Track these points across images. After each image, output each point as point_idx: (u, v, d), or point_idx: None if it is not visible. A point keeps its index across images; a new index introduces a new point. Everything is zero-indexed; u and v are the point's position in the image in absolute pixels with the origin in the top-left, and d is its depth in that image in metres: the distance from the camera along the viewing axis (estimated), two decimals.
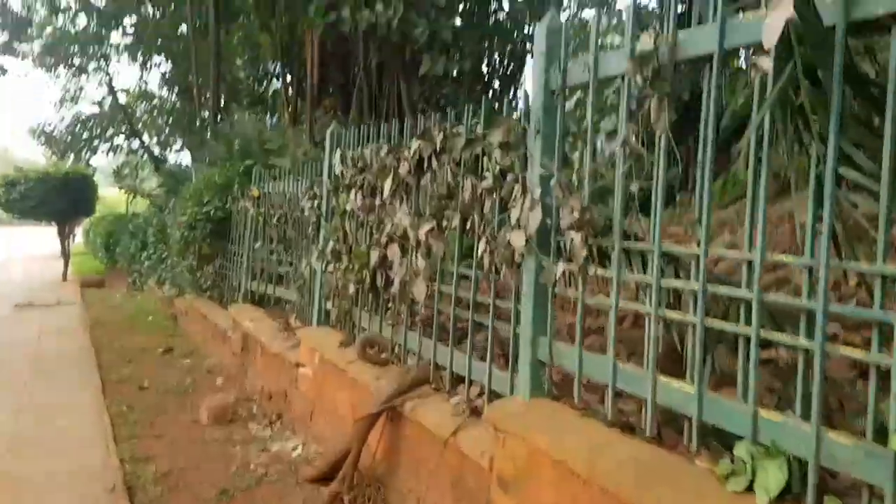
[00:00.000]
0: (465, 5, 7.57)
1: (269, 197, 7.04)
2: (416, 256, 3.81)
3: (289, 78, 15.97)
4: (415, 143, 3.79)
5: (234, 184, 8.11)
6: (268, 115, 16.72)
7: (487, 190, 3.09)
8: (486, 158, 3.16)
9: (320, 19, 7.92)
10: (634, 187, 2.32)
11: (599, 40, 2.44)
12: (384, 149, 4.25)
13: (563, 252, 2.64)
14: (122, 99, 27.21)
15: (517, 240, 2.77)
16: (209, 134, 12.67)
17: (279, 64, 15.89)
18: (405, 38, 7.77)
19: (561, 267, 2.59)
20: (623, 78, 2.34)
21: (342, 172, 4.91)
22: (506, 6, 9.90)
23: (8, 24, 23.82)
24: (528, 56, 13.74)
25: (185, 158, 24.73)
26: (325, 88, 14.57)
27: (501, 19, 9.69)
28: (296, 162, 6.89)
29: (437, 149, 3.64)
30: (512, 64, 11.45)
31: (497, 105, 13.47)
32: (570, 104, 2.71)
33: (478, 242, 3.23)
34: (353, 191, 4.66)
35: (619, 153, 2.34)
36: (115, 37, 25.96)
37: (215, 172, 8.73)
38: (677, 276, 2.29)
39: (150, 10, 23.76)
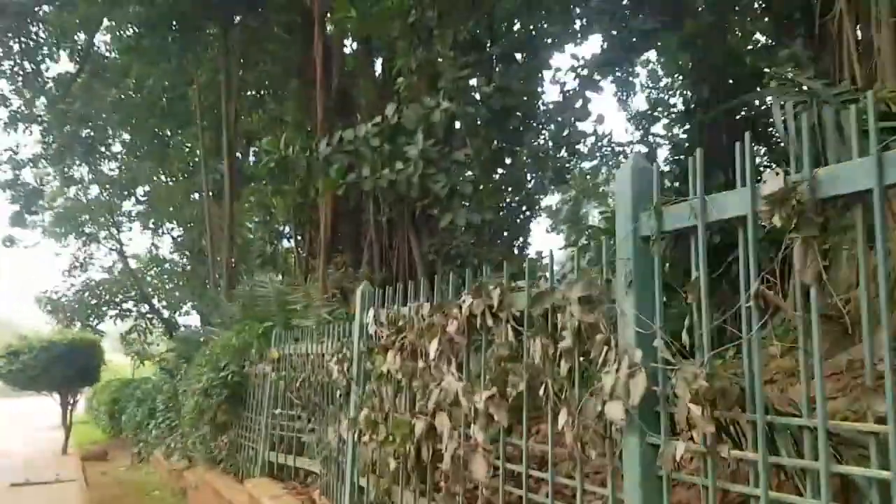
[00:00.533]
0: (480, 159, 7.51)
1: (290, 359, 6.61)
2: (473, 427, 3.33)
3: (300, 237, 16.02)
4: (467, 300, 3.42)
5: (252, 347, 7.70)
6: (279, 275, 16.63)
7: (567, 351, 2.67)
8: (559, 315, 2.77)
9: (342, 178, 7.82)
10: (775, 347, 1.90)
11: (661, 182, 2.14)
12: (425, 307, 3.88)
13: (675, 426, 2.19)
14: (133, 264, 27.35)
15: (614, 412, 2.32)
16: (223, 295, 12.41)
17: (291, 224, 15.97)
18: (426, 193, 7.63)
19: (681, 447, 2.12)
20: (746, 220, 1.99)
21: (377, 332, 4.52)
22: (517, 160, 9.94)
23: (20, 196, 24.30)
24: (537, 208, 13.80)
25: (195, 321, 24.56)
26: (335, 245, 14.51)
27: (514, 172, 9.68)
28: (320, 322, 6.52)
29: (494, 305, 3.26)
30: (525, 214, 11.38)
31: (513, 255, 13.38)
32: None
33: (549, 411, 2.79)
34: (390, 352, 4.23)
35: (751, 308, 1.95)
36: (127, 205, 26.53)
37: (232, 335, 8.34)
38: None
39: (164, 178, 24.41)
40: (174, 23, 15.80)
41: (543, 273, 3.26)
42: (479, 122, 7.72)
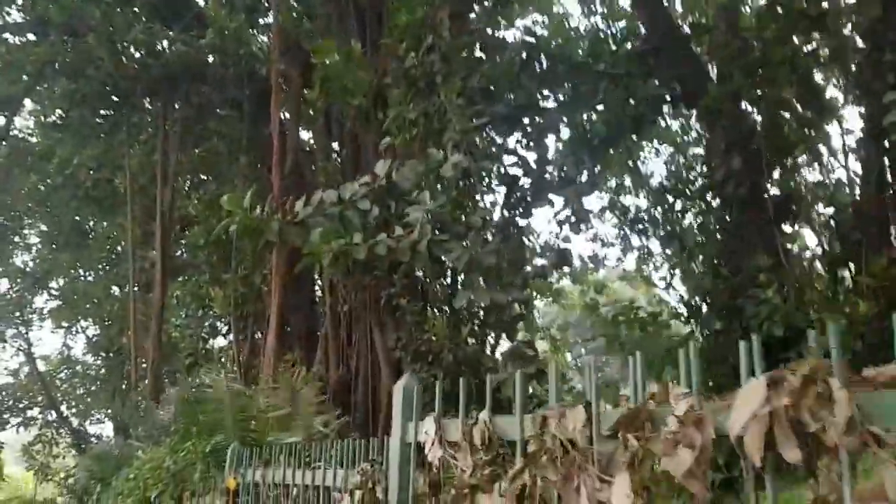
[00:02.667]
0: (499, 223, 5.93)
1: (258, 492, 4.59)
2: None
3: (241, 334, 13.82)
4: None
5: (195, 471, 5.61)
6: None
7: None
8: None
9: (331, 243, 6.02)
10: None
11: None
12: (578, 414, 2.11)
13: None
14: (42, 366, 24.04)
15: None
16: (143, 404, 10.08)
17: (230, 318, 13.79)
18: (438, 265, 5.94)
19: None
20: None
21: (441, 460, 2.68)
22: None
23: None
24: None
25: (109, 430, 21.34)
26: (284, 342, 12.43)
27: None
28: (312, 436, 4.56)
29: None
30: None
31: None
32: None
33: None
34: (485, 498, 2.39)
35: None
36: (39, 301, 23.53)
37: (164, 454, 6.19)
38: None
39: (82, 272, 21.73)
40: (110, 97, 13.94)
41: None
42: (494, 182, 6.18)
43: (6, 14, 14.67)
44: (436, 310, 10.86)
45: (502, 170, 8.02)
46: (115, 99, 14.05)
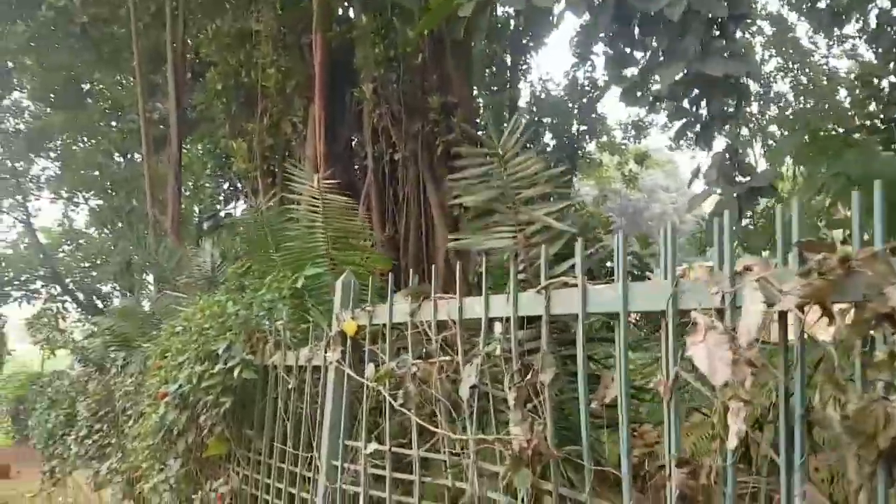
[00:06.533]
0: None
1: (403, 335, 2.88)
2: None
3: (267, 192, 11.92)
4: None
5: (283, 313, 3.88)
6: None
7: None
8: None
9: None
10: None
11: None
12: None
13: None
14: (42, 238, 22.20)
15: None
16: (174, 252, 8.25)
17: (256, 175, 11.83)
18: None
19: None
20: None
21: None
22: None
23: None
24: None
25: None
26: None
27: None
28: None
29: None
30: None
31: None
32: None
33: None
34: None
35: None
36: (36, 169, 21.42)
37: (224, 301, 4.44)
38: None
39: (79, 137, 19.45)
40: None
41: None
42: None
43: None
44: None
45: None
46: None
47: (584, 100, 14.84)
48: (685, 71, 3.95)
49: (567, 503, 2.03)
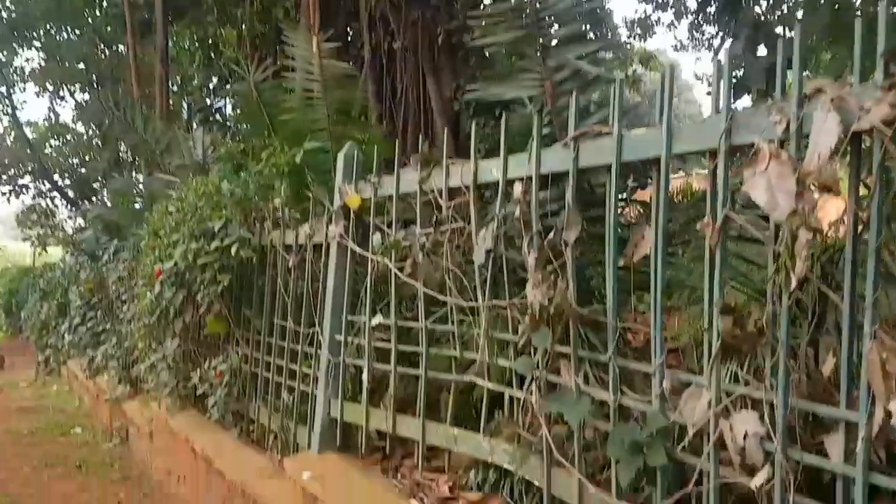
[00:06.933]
0: None
1: (411, 206, 2.76)
2: None
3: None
4: None
5: (282, 188, 3.73)
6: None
7: None
8: None
9: None
10: None
11: None
12: None
13: None
14: (29, 133, 21.59)
15: None
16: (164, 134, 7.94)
17: (245, 63, 11.35)
18: None
19: None
20: None
21: None
22: None
23: None
24: None
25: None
26: None
27: None
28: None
29: None
30: None
31: None
32: None
33: None
34: None
35: None
36: (19, 60, 20.60)
37: (217, 180, 4.27)
38: None
39: (62, 26, 18.58)
40: None
41: None
42: None
43: None
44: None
45: None
46: None
47: None
48: None
49: (586, 365, 1.94)
